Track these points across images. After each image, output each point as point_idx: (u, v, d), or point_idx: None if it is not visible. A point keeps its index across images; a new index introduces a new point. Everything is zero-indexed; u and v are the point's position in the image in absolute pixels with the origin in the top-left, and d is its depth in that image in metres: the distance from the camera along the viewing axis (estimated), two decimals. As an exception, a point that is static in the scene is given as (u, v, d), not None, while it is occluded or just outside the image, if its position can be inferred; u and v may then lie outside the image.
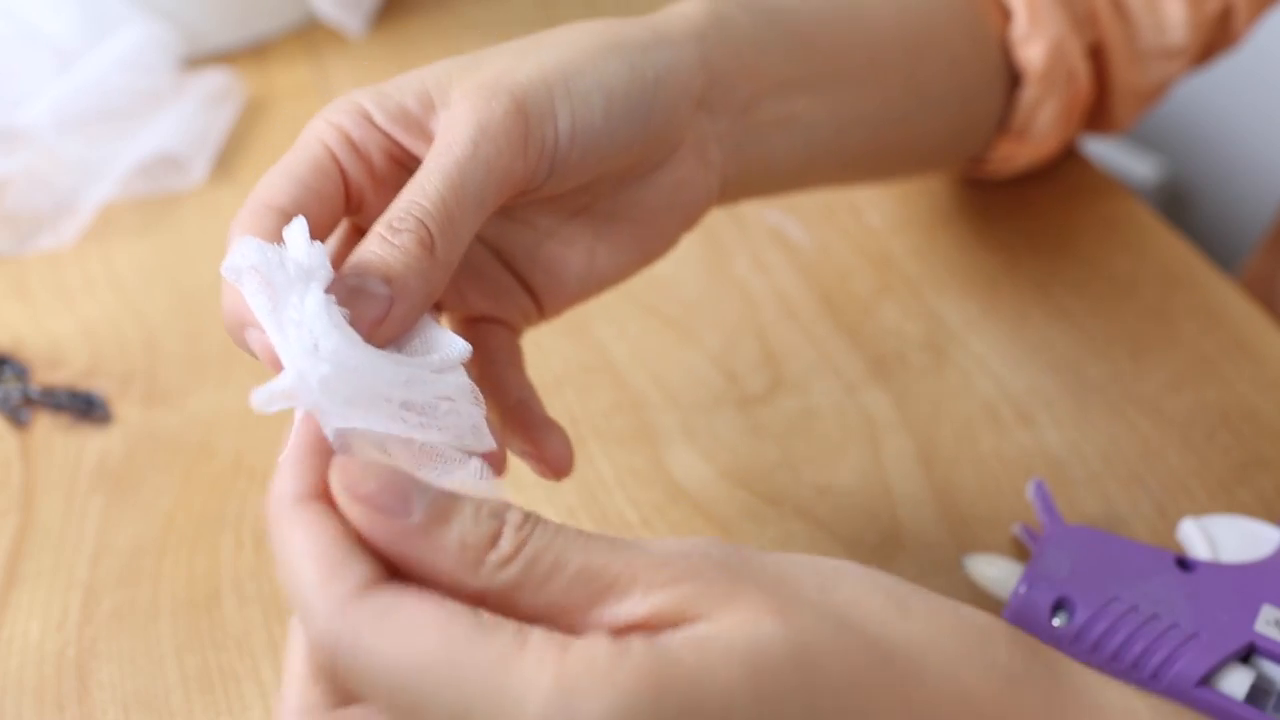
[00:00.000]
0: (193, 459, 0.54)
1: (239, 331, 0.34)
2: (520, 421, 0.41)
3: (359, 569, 0.28)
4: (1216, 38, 0.60)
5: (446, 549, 0.28)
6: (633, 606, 0.28)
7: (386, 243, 0.35)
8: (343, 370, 0.31)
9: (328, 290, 0.33)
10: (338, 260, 0.40)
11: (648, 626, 0.28)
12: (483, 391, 0.41)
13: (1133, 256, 0.61)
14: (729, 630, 0.27)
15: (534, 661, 0.26)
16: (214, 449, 0.54)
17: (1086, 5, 0.56)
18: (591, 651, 0.26)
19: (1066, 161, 0.66)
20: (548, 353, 0.57)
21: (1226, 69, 0.80)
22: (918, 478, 0.51)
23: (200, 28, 0.78)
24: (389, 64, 0.79)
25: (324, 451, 0.31)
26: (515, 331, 0.44)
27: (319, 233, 0.37)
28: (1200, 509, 0.49)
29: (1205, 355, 0.56)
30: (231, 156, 0.72)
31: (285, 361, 0.32)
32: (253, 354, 0.34)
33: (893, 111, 0.50)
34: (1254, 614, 0.42)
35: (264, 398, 0.31)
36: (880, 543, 0.49)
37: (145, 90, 0.73)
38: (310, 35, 0.82)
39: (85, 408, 0.57)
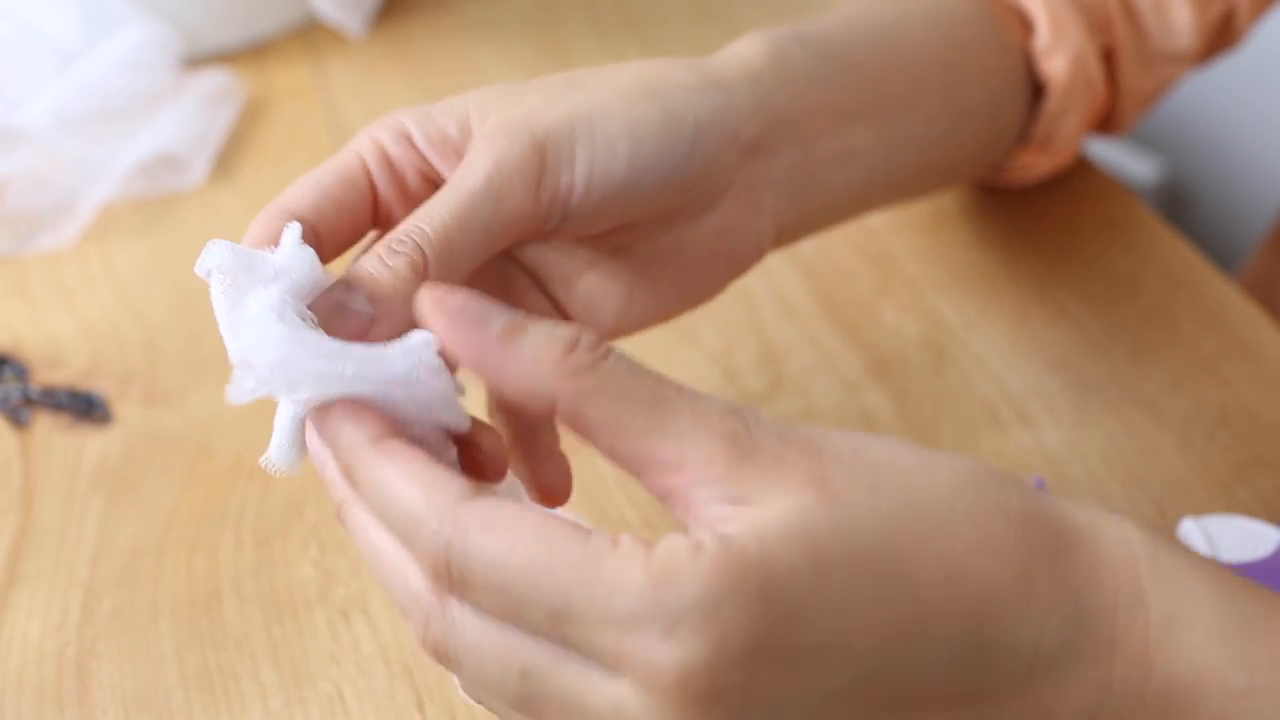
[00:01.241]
0: (193, 459, 0.54)
1: None
2: (524, 446, 0.41)
3: (457, 482, 0.30)
4: (1218, 39, 0.60)
5: (522, 356, 0.30)
6: (688, 447, 0.30)
7: (381, 262, 0.35)
8: (288, 354, 0.32)
9: (316, 301, 0.34)
10: None
11: (697, 471, 0.30)
12: (499, 415, 0.41)
13: (1133, 257, 0.61)
14: (781, 513, 0.30)
15: (624, 560, 0.28)
16: (214, 449, 0.54)
17: (1101, 10, 0.56)
18: (672, 550, 0.29)
19: (1066, 161, 0.66)
20: (548, 353, 0.57)
21: (1226, 69, 0.80)
22: (918, 478, 0.51)
23: (200, 28, 0.78)
24: (389, 64, 0.79)
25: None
26: None
27: (337, 240, 0.38)
28: (1200, 509, 0.49)
29: (1205, 355, 0.56)
30: (231, 156, 0.72)
31: (233, 355, 0.33)
32: None
33: (934, 130, 0.50)
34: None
35: (234, 392, 0.32)
36: (880, 543, 0.49)
37: (145, 90, 0.73)
38: (310, 35, 0.82)
39: (85, 408, 0.57)
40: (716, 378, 0.56)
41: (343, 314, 0.34)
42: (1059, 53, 0.55)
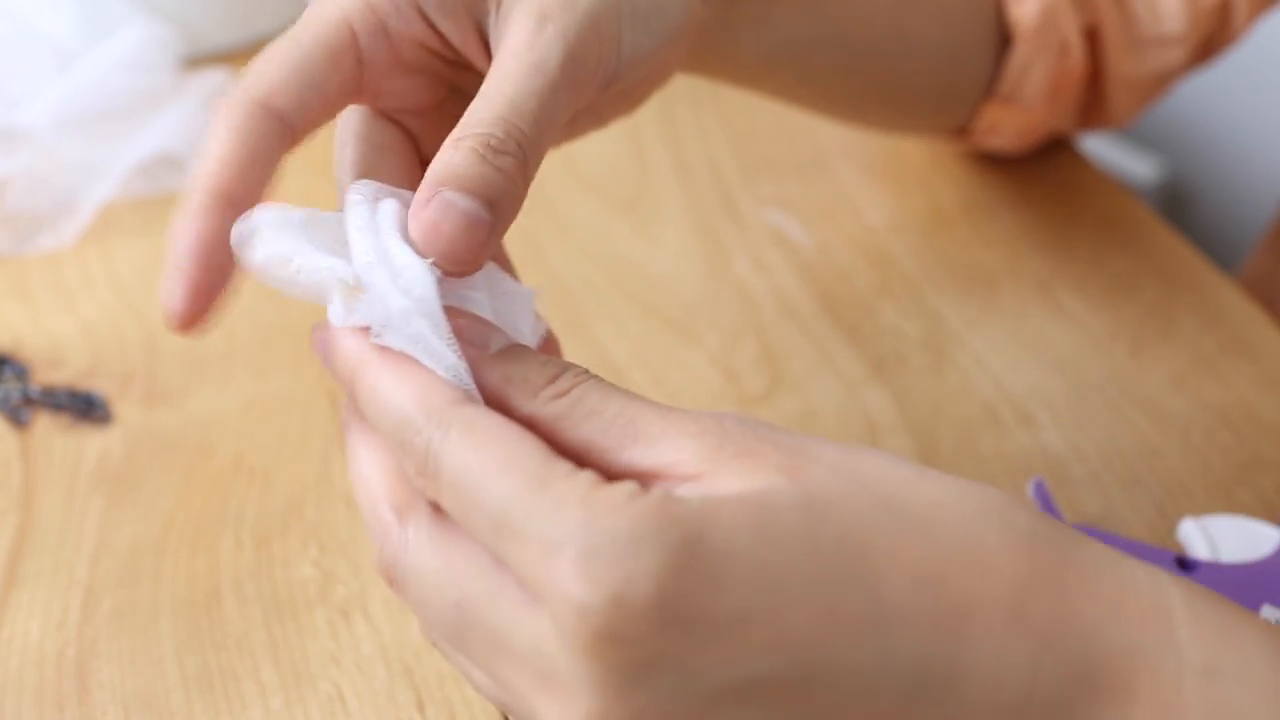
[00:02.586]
0: (193, 459, 0.54)
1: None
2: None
3: (450, 388, 0.31)
4: (1215, 33, 0.60)
5: (511, 377, 0.32)
6: (660, 452, 0.30)
7: (487, 163, 0.32)
8: (420, 314, 0.31)
9: (430, 209, 0.32)
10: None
11: (671, 472, 0.30)
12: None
13: (1133, 256, 0.61)
14: (739, 484, 0.29)
15: (569, 485, 0.29)
16: (214, 449, 0.54)
17: None
18: (617, 488, 0.29)
19: (1066, 160, 0.66)
20: (548, 353, 0.57)
21: (1226, 69, 0.80)
22: (918, 477, 0.51)
23: (200, 28, 0.78)
24: (389, 64, 0.79)
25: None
26: None
27: (309, 130, 0.36)
28: (1200, 509, 0.49)
29: (1205, 355, 0.56)
30: (231, 156, 0.72)
31: (347, 278, 0.32)
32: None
33: (873, 45, 0.51)
34: (1254, 614, 0.42)
35: (337, 313, 0.32)
36: (880, 542, 0.49)
37: (145, 90, 0.73)
38: (310, 35, 0.82)
39: (85, 408, 0.57)
40: (716, 378, 0.56)
41: (466, 222, 0.32)
42: None
